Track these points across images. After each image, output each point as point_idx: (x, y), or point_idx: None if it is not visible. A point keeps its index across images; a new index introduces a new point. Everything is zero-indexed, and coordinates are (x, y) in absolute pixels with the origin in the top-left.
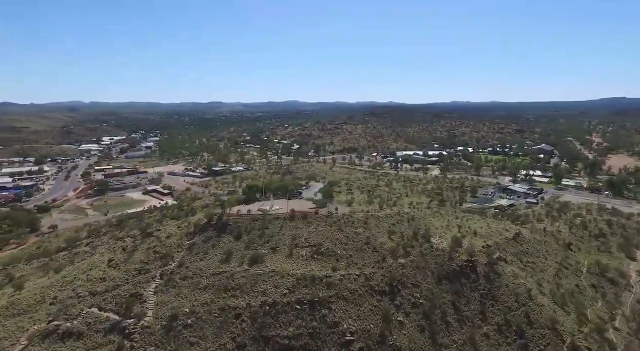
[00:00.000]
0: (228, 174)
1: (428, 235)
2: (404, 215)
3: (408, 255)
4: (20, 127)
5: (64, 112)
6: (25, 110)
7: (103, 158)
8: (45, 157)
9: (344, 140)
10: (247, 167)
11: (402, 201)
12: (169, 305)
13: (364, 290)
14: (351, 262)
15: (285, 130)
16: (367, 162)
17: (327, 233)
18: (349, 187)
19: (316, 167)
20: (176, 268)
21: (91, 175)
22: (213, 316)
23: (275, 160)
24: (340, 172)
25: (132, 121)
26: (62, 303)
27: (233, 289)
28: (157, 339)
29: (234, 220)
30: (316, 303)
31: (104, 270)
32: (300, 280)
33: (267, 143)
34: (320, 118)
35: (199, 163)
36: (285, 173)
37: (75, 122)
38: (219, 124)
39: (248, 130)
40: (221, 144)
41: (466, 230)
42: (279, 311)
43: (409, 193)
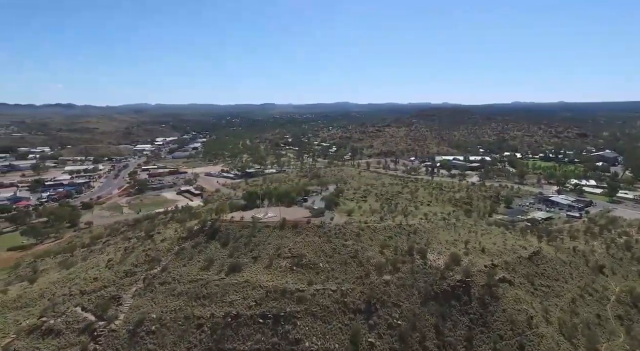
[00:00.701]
0: (260, 176)
1: (424, 251)
2: (405, 227)
3: (396, 271)
4: (92, 128)
5: (131, 113)
6: (100, 112)
7: (151, 158)
8: (103, 156)
9: (383, 143)
10: (280, 169)
11: (419, 210)
12: (140, 310)
13: (337, 307)
14: (331, 276)
15: (327, 132)
16: (402, 167)
17: (314, 244)
18: (366, 193)
19: (345, 171)
20: (159, 272)
21: (137, 174)
22: (176, 324)
23: (309, 163)
24: (368, 176)
25: (188, 122)
26: (54, 299)
27: (203, 297)
28: (120, 343)
29: (225, 227)
30: (281, 317)
31: (100, 270)
32: (270, 293)
33: (306, 145)
34: (366, 120)
35: (235, 164)
36: (313, 177)
37: (138, 123)
38: (266, 126)
39: (292, 131)
40: (262, 146)
41: (474, 245)
42: (241, 323)
43: (433, 201)
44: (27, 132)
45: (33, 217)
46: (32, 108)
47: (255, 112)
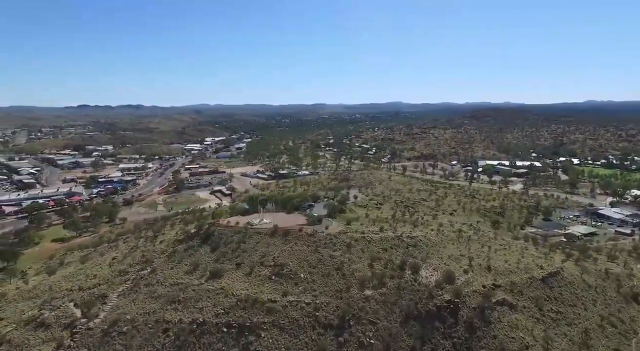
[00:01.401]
0: (292, 177)
1: (417, 266)
2: (405, 239)
3: (381, 286)
4: (152, 128)
5: (191, 114)
6: (164, 112)
7: (197, 158)
8: (154, 155)
9: (426, 145)
10: (313, 171)
11: (437, 220)
12: (119, 310)
13: (307, 321)
14: (309, 288)
15: (371, 133)
16: (441, 171)
17: (300, 253)
18: (385, 199)
19: (375, 174)
20: (147, 274)
21: (179, 173)
22: (147, 327)
23: (345, 165)
24: (398, 181)
25: (240, 122)
26: (53, 294)
27: (178, 302)
28: (92, 341)
29: (219, 231)
30: (246, 328)
31: (102, 268)
32: (241, 302)
33: (345, 146)
34: (416, 120)
35: (272, 165)
36: (342, 180)
37: (194, 123)
38: (312, 126)
39: (337, 132)
40: (302, 146)
41: (480, 262)
42: (205, 331)
43: (459, 210)
44: (99, 131)
45: (79, 211)
46: (108, 109)
47: (306, 112)
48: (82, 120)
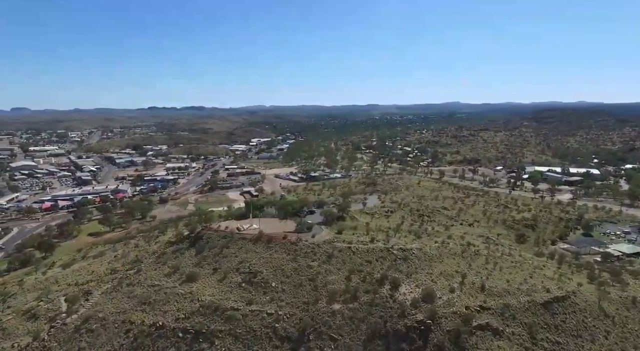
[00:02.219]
0: (322, 180)
1: (398, 281)
2: (395, 251)
3: (353, 300)
4: (207, 129)
5: (245, 115)
6: (222, 114)
7: (238, 158)
8: (201, 155)
9: (472, 149)
10: (345, 174)
11: (448, 231)
12: (96, 307)
13: (265, 331)
14: (276, 297)
15: (416, 135)
16: (481, 177)
17: (278, 261)
18: (401, 207)
19: (405, 179)
20: (132, 274)
21: (217, 173)
22: (112, 327)
23: (380, 168)
24: (427, 186)
25: (289, 123)
26: (49, 287)
27: (149, 303)
28: (63, 336)
29: (208, 235)
30: (201, 334)
31: (102, 264)
32: (204, 308)
33: (386, 149)
34: (471, 121)
35: (306, 167)
36: (368, 184)
37: (246, 124)
38: (359, 127)
39: (383, 134)
40: (343, 148)
41: (474, 280)
42: (161, 335)
43: (482, 221)
44: (160, 131)
45: (117, 207)
46: (173, 110)
47: (357, 113)
48: (149, 121)
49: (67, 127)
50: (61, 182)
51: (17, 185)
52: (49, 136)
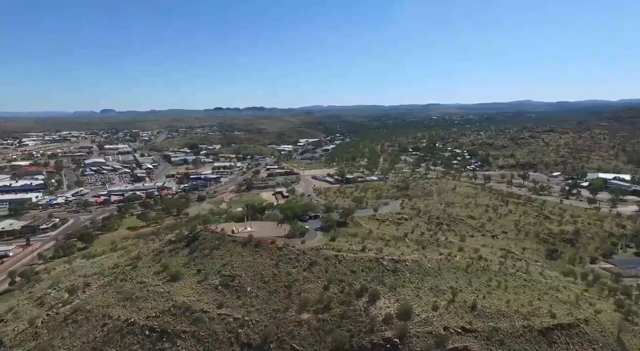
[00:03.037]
0: (358, 182)
1: (377, 294)
2: (384, 262)
3: (325, 311)
4: (261, 129)
5: (302, 115)
6: (281, 114)
7: (282, 159)
8: (248, 155)
9: (530, 152)
10: (382, 177)
11: (464, 243)
12: (87, 300)
13: (227, 336)
14: (248, 302)
15: (471, 137)
16: (532, 183)
17: (259, 265)
18: (418, 214)
19: (440, 184)
20: (129, 270)
21: (258, 173)
22: (93, 320)
23: (422, 171)
24: (462, 192)
25: (341, 124)
26: (60, 278)
27: (130, 299)
28: (53, 325)
29: (203, 236)
30: (166, 334)
31: (112, 258)
32: (175, 308)
33: (433, 151)
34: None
35: (345, 168)
36: (401, 188)
37: (300, 124)
38: (413, 128)
39: (436, 135)
40: (389, 150)
41: (468, 298)
42: (130, 331)
43: (511, 233)
44: (218, 131)
45: (159, 203)
46: (236, 111)
47: (415, 113)
48: (212, 122)
49: (141, 127)
50: (121, 178)
51: (82, 180)
52: (124, 135)
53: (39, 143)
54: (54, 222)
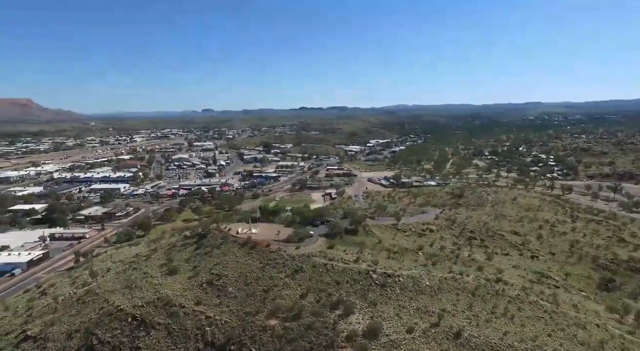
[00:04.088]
0: (412, 187)
1: (350, 308)
2: (375, 276)
3: (295, 319)
4: (337, 129)
5: (383, 115)
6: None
7: (345, 159)
8: (313, 155)
9: (635, 160)
10: (441, 182)
11: (489, 262)
12: (100, 284)
13: (195, 333)
14: (225, 302)
15: (568, 140)
16: (624, 197)
17: (247, 267)
18: (449, 226)
19: (500, 193)
20: (143, 260)
21: (317, 173)
22: (97, 302)
23: (492, 178)
24: (524, 204)
25: (422, 124)
26: (106, 262)
27: (130, 288)
28: (68, 302)
29: (212, 235)
30: (144, 324)
31: (140, 248)
32: (158, 300)
33: (512, 156)
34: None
35: (405, 171)
36: (455, 196)
37: (377, 124)
38: (497, 129)
39: (525, 137)
40: (463, 153)
41: (455, 324)
42: (116, 317)
43: (560, 255)
44: (295, 131)
45: (215, 198)
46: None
47: (510, 112)
48: (294, 121)
49: (230, 126)
50: (196, 173)
51: (163, 174)
52: (213, 133)
53: (144, 140)
54: (128, 210)
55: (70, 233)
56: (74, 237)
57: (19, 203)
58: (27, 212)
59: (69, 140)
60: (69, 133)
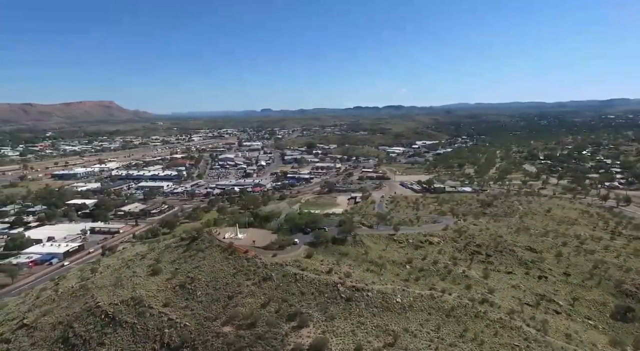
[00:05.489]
0: (444, 193)
1: (305, 322)
2: (344, 289)
3: (249, 327)
4: (386, 129)
5: (439, 114)
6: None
7: (382, 161)
8: (353, 156)
9: None
10: (477, 189)
11: (484, 280)
12: (95, 279)
13: (155, 333)
14: (190, 306)
15: None
16: None
17: (220, 272)
18: (454, 237)
19: (534, 203)
20: (138, 260)
21: (351, 175)
22: (85, 297)
23: (537, 185)
24: (558, 216)
25: (479, 124)
26: (117, 258)
27: (116, 285)
28: (67, 294)
29: (202, 238)
30: (113, 321)
31: (144, 247)
32: (132, 299)
33: (570, 160)
34: None
35: (442, 176)
36: (485, 205)
37: (431, 124)
38: (566, 129)
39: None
40: (514, 156)
41: (414, 345)
42: (93, 313)
43: (576, 277)
44: (344, 131)
45: (243, 198)
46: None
47: (586, 110)
48: (345, 121)
49: (283, 126)
50: (236, 173)
51: (203, 173)
52: (264, 133)
53: (201, 139)
54: (162, 208)
55: (108, 227)
56: (110, 231)
57: (77, 197)
58: (79, 207)
59: (137, 139)
60: (139, 132)
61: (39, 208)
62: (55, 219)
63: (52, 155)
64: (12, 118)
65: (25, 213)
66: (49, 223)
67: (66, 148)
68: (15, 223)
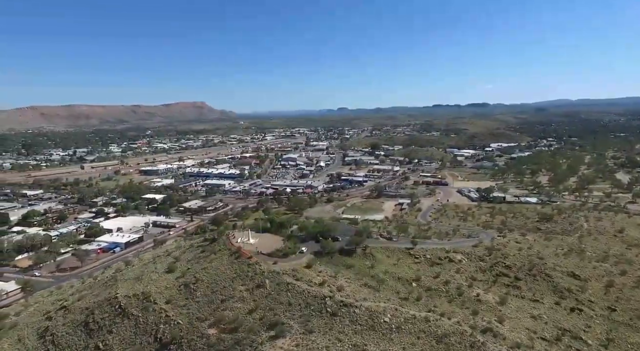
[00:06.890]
0: (502, 203)
1: (282, 333)
2: (331, 303)
3: (231, 332)
4: (462, 129)
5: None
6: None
7: (449, 165)
8: (414, 158)
9: None
10: (544, 200)
11: (499, 306)
12: (125, 271)
13: (151, 328)
14: (188, 305)
15: None
16: None
17: (222, 276)
18: (481, 256)
19: (606, 222)
20: (164, 257)
21: (407, 179)
22: (108, 288)
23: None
24: (631, 238)
25: (574, 123)
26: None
27: (136, 279)
28: (98, 284)
29: (219, 240)
30: (122, 312)
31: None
32: (142, 293)
33: None
34: None
35: (500, 184)
36: (544, 219)
37: (515, 124)
38: None
39: None
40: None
41: None
42: (110, 303)
43: (623, 315)
44: (418, 131)
45: (290, 200)
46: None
47: None
48: (421, 120)
49: (355, 125)
50: (295, 173)
51: (262, 173)
52: (333, 133)
53: (273, 138)
54: (217, 205)
55: (166, 222)
56: (167, 225)
57: (151, 192)
58: (150, 201)
59: (217, 138)
60: (220, 131)
61: (119, 200)
62: (128, 211)
63: (145, 152)
64: (124, 118)
65: (108, 205)
66: (122, 214)
67: (157, 146)
68: (99, 213)
